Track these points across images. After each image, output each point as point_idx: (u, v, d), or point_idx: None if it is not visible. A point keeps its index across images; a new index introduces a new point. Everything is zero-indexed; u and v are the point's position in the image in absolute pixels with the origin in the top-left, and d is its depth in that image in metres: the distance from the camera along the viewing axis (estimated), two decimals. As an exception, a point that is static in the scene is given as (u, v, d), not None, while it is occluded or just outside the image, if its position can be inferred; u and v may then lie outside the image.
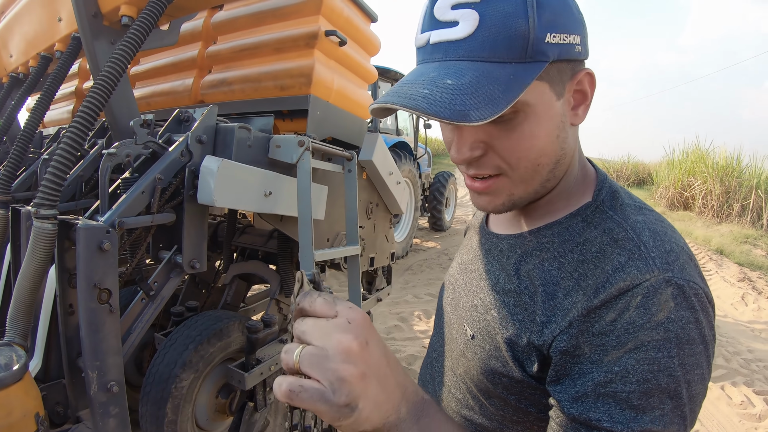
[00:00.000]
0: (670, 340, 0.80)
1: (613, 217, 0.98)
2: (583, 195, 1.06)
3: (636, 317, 0.82)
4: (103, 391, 2.11)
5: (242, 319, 3.04)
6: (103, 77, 2.27)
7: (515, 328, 0.99)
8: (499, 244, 1.17)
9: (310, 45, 3.22)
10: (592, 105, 1.00)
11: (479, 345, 1.08)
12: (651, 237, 0.91)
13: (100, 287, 2.06)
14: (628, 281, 0.85)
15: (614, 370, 0.82)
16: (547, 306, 0.94)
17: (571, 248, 0.98)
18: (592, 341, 0.85)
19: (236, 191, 2.47)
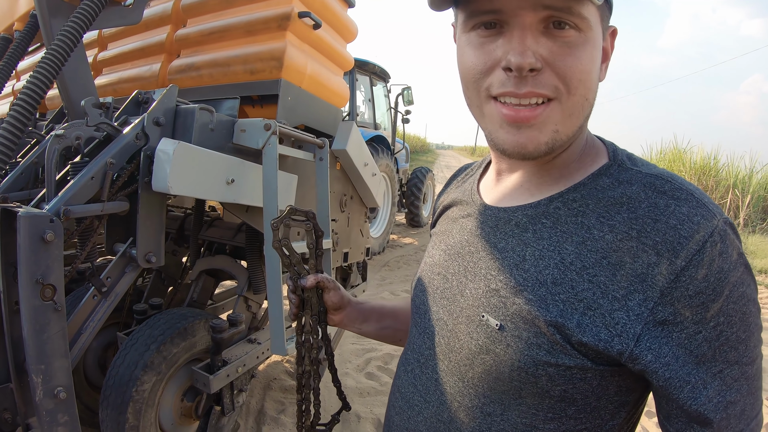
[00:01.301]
0: (747, 272, 0.83)
1: (644, 172, 0.92)
2: (597, 157, 1.00)
3: (722, 264, 0.80)
4: (49, 398, 1.97)
5: (208, 318, 2.90)
6: (52, 50, 2.11)
7: (562, 306, 0.88)
8: (511, 218, 1.02)
9: (283, 27, 3.10)
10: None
11: (512, 335, 0.93)
12: (692, 186, 0.88)
13: (43, 282, 1.89)
14: (702, 231, 0.81)
15: (720, 321, 0.81)
16: (620, 277, 0.84)
17: (615, 208, 0.89)
18: (692, 302, 0.80)
19: (194, 178, 2.33)
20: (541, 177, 1.02)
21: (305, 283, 1.35)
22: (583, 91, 0.88)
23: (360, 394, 4.40)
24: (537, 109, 0.87)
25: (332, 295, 1.41)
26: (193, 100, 3.19)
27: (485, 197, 1.15)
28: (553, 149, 0.92)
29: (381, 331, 1.50)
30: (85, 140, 2.30)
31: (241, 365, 2.86)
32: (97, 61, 4.36)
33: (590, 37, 0.86)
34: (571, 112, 0.89)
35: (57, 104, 4.68)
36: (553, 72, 0.85)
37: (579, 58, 0.85)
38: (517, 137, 0.90)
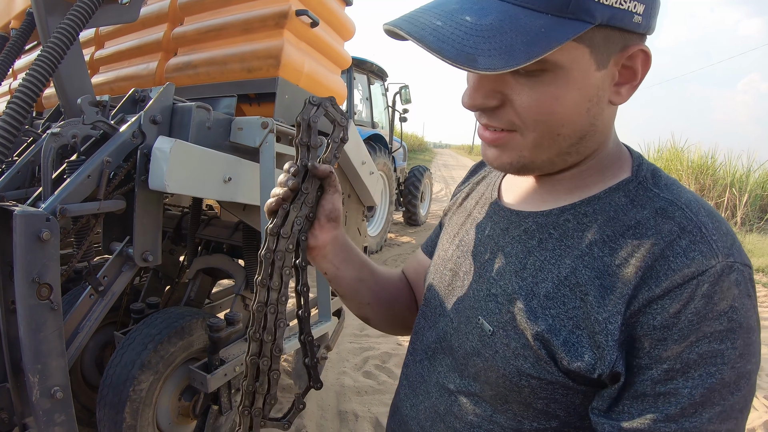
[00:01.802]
0: (733, 330, 0.75)
1: (661, 195, 0.88)
2: (620, 170, 0.96)
3: (701, 307, 0.75)
4: (46, 397, 1.95)
5: (205, 317, 2.88)
6: (48, 48, 2.10)
7: (551, 321, 0.87)
8: (521, 223, 1.02)
9: (280, 25, 3.07)
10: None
11: (502, 342, 0.93)
12: (708, 217, 0.83)
13: (39, 282, 1.88)
14: (693, 267, 0.77)
15: (675, 368, 0.76)
16: (608, 300, 0.82)
17: (621, 231, 0.86)
18: (653, 335, 0.78)
19: (192, 176, 2.32)
20: (553, 185, 1.01)
21: (317, 169, 1.13)
22: (546, 128, 0.86)
23: (358, 393, 4.40)
24: (496, 134, 0.90)
25: (335, 198, 1.20)
26: (191, 98, 3.18)
27: (504, 194, 1.15)
28: (524, 168, 0.94)
29: (357, 282, 1.32)
30: (82, 138, 2.29)
31: (239, 364, 2.84)
32: (93, 59, 4.34)
33: (564, 76, 0.81)
34: (536, 144, 0.88)
35: (53, 103, 4.64)
36: (511, 108, 0.85)
37: (540, 99, 0.83)
38: (486, 152, 0.96)
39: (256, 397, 1.13)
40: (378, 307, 1.37)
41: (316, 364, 1.20)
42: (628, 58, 0.85)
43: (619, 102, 0.89)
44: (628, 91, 0.89)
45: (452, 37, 0.74)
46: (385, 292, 1.38)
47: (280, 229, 1.12)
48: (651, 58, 0.86)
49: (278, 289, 1.14)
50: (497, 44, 0.73)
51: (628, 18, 0.79)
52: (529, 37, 0.73)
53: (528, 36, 0.73)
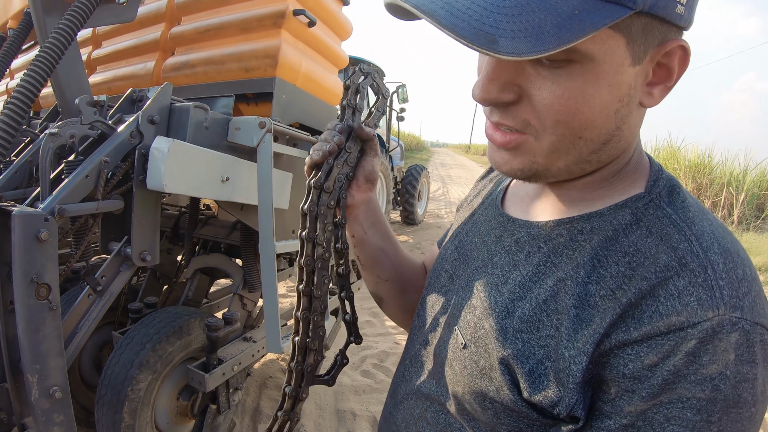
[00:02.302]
0: (715, 402, 0.64)
1: (672, 217, 0.77)
2: (633, 184, 0.85)
3: (682, 366, 0.65)
4: (45, 397, 1.95)
5: (203, 316, 2.89)
6: (47, 47, 2.10)
7: (521, 346, 0.79)
8: (514, 232, 0.94)
9: (278, 24, 3.07)
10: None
11: (471, 358, 0.87)
12: (721, 256, 0.70)
13: (38, 282, 1.88)
14: (683, 316, 0.66)
15: (636, 425, 0.68)
16: (580, 335, 0.73)
17: (616, 257, 0.76)
18: (621, 383, 0.69)
19: (189, 176, 2.32)
20: (559, 194, 0.91)
21: (363, 130, 1.15)
22: (567, 130, 0.74)
23: (356, 392, 4.40)
24: (507, 136, 0.79)
25: (375, 161, 1.20)
26: (188, 98, 3.18)
27: (508, 199, 1.08)
28: (535, 175, 0.82)
29: (380, 252, 1.28)
30: (80, 138, 2.29)
31: (237, 363, 2.85)
32: (91, 59, 4.33)
33: (593, 69, 0.69)
34: (552, 149, 0.77)
35: (51, 103, 4.63)
36: (529, 104, 0.74)
37: (564, 96, 0.71)
38: (493, 155, 0.85)
39: (307, 353, 1.13)
40: (394, 286, 1.32)
41: (356, 320, 1.22)
42: (665, 54, 0.73)
43: (650, 105, 0.78)
44: (661, 93, 0.77)
45: (468, 12, 0.62)
46: (402, 273, 1.33)
47: (323, 184, 1.10)
48: (690, 56, 0.74)
49: (323, 244, 1.12)
50: (523, 24, 0.60)
51: (671, 6, 0.67)
52: (560, 19, 0.61)
53: (559, 17, 0.61)
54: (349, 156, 1.14)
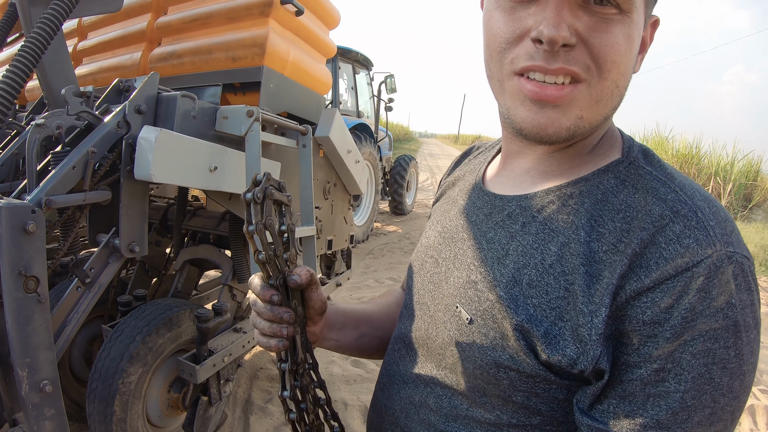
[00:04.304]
0: (728, 329, 0.69)
1: (653, 173, 0.83)
2: (610, 150, 0.91)
3: (696, 303, 0.68)
4: (35, 392, 1.94)
5: (193, 308, 2.88)
6: (31, 39, 2.08)
7: (533, 311, 0.81)
8: (504, 207, 0.96)
9: (265, 13, 3.07)
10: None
11: (479, 331, 0.87)
12: (705, 201, 0.77)
13: (26, 274, 1.86)
14: (687, 257, 0.70)
15: (667, 368, 0.70)
16: (594, 290, 0.76)
17: (610, 215, 0.80)
18: (642, 330, 0.72)
19: (177, 165, 2.31)
20: (548, 165, 0.95)
21: (300, 281, 0.99)
22: (615, 75, 0.79)
23: (347, 381, 4.40)
24: (564, 89, 0.79)
25: (319, 293, 1.08)
26: (175, 88, 3.16)
27: (489, 181, 1.09)
28: (573, 136, 0.84)
29: (360, 340, 1.28)
30: (66, 129, 2.26)
31: (227, 355, 2.84)
32: (77, 50, 4.29)
33: (632, 20, 0.78)
34: (599, 98, 0.81)
35: (36, 95, 4.61)
36: (587, 49, 0.78)
37: (616, 38, 0.77)
38: (538, 116, 0.82)
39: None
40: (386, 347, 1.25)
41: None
42: (651, 24, 0.85)
43: (636, 71, 0.86)
44: (641, 62, 0.87)
45: None
46: (389, 331, 1.32)
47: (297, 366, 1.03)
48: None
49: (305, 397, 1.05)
50: None
51: None
52: None
53: None
54: (298, 319, 1.03)
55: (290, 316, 0.98)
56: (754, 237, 11.79)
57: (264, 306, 0.98)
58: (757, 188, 15.70)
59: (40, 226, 1.89)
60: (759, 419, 4.34)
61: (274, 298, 0.96)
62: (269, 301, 0.96)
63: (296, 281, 0.98)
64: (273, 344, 0.98)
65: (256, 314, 1.00)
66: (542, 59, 0.79)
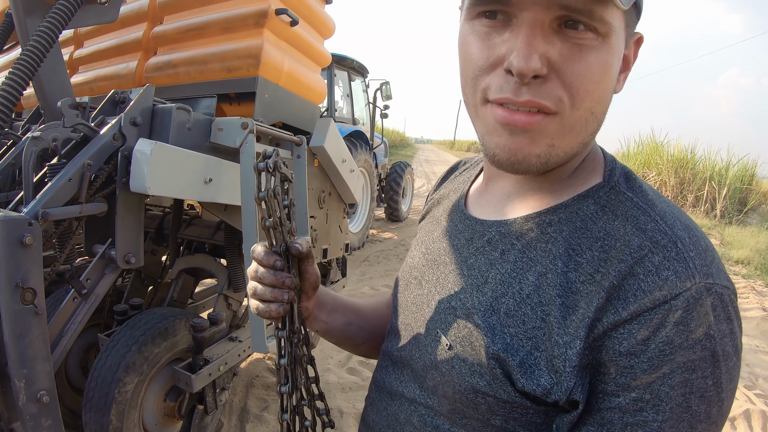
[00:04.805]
0: (706, 359, 0.70)
1: (634, 200, 0.82)
2: (591, 174, 0.90)
3: (674, 336, 0.69)
4: (32, 402, 1.94)
5: (189, 317, 2.88)
6: (28, 50, 2.09)
7: (509, 340, 0.81)
8: (485, 233, 0.96)
9: (260, 24, 3.07)
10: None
11: (459, 358, 0.88)
12: (685, 231, 0.77)
13: (23, 286, 1.87)
14: (665, 290, 0.70)
15: (645, 398, 0.70)
16: (570, 321, 0.76)
17: (588, 243, 0.80)
18: (619, 361, 0.72)
19: (172, 177, 2.32)
20: (529, 189, 0.94)
21: (302, 249, 1.01)
22: (590, 104, 0.77)
23: (342, 389, 4.41)
24: (535, 116, 0.77)
25: (314, 267, 1.11)
26: (170, 98, 3.18)
27: (471, 203, 1.09)
28: (546, 164, 0.82)
29: (347, 327, 1.29)
30: (62, 141, 2.27)
31: (223, 363, 2.85)
32: (73, 59, 4.30)
33: (609, 44, 0.75)
34: (572, 127, 0.78)
35: (33, 103, 4.57)
36: (559, 80, 0.75)
37: (591, 66, 0.74)
38: (509, 142, 0.80)
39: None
40: (373, 342, 1.32)
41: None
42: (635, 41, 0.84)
43: (618, 91, 0.84)
44: (623, 81, 0.85)
45: None
46: (375, 327, 1.33)
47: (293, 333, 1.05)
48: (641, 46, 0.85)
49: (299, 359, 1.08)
50: None
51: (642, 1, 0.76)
52: None
53: None
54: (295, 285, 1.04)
55: (292, 281, 1.00)
56: (750, 241, 11.86)
57: (266, 271, 0.99)
58: (752, 192, 15.75)
59: (37, 239, 1.90)
60: (754, 423, 4.37)
61: (278, 263, 0.99)
62: (272, 266, 0.99)
63: (298, 249, 1.00)
64: (274, 308, 1.00)
65: (258, 281, 1.01)
66: (511, 91, 0.77)
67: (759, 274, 10.00)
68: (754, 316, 7.38)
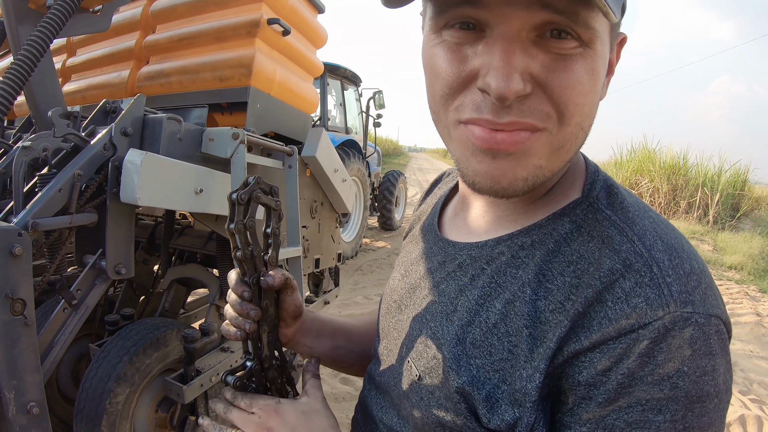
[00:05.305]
0: (677, 400, 0.62)
1: (612, 218, 0.75)
2: (570, 189, 0.83)
3: (636, 368, 0.63)
4: (22, 414, 1.92)
5: (180, 327, 2.86)
6: (20, 59, 2.09)
7: (475, 372, 0.76)
8: (456, 256, 0.90)
9: (252, 33, 3.09)
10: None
11: (427, 389, 0.83)
12: (666, 253, 0.69)
13: (12, 297, 1.85)
14: (633, 318, 0.64)
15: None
16: (536, 354, 0.71)
17: (560, 268, 0.74)
18: (577, 391, 0.67)
19: (163, 188, 2.31)
20: (503, 210, 0.88)
21: (272, 282, 0.98)
22: (580, 118, 0.69)
23: (335, 399, 4.39)
24: (519, 135, 0.68)
25: (294, 297, 1.08)
26: (162, 107, 3.18)
27: (446, 223, 1.06)
28: (533, 187, 0.73)
29: (334, 351, 1.25)
30: (53, 151, 2.26)
31: (215, 374, 2.82)
32: (65, 67, 4.31)
33: (595, 52, 0.67)
34: (561, 145, 0.71)
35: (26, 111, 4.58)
36: (545, 94, 0.67)
37: (578, 77, 0.66)
38: (491, 168, 0.71)
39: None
40: (363, 364, 1.25)
41: None
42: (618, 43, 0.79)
43: (602, 97, 0.78)
44: (607, 86, 0.79)
45: None
46: (364, 348, 1.30)
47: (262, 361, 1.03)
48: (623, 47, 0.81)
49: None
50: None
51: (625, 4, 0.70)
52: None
53: None
54: (269, 316, 1.03)
55: (256, 313, 0.98)
56: (742, 246, 11.90)
57: (235, 299, 0.99)
58: (744, 198, 15.82)
59: (27, 249, 1.88)
60: (749, 429, 4.37)
61: (245, 294, 0.97)
62: (240, 296, 0.98)
63: (268, 282, 0.98)
64: (232, 333, 1.00)
65: (228, 305, 1.01)
66: (490, 112, 0.68)
67: (752, 279, 10.08)
68: (748, 321, 7.43)
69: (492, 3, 0.64)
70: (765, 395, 5.07)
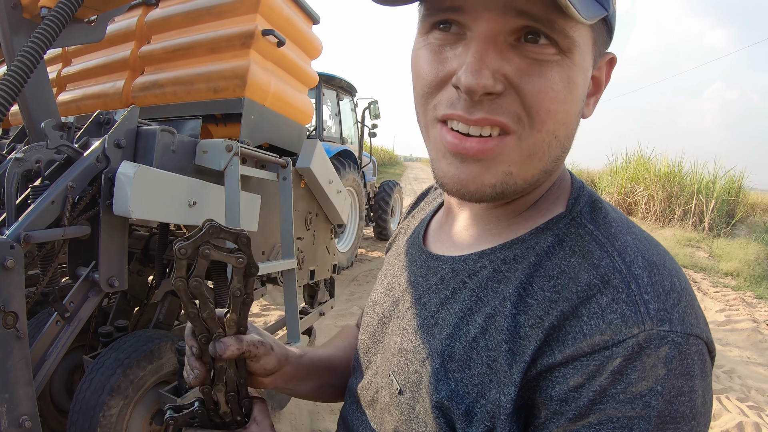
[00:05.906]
0: (649, 419, 0.61)
1: (594, 233, 0.75)
2: (555, 202, 0.84)
3: (608, 385, 0.62)
4: (14, 427, 1.91)
5: (174, 339, 2.84)
6: (13, 69, 2.08)
7: (454, 386, 0.75)
8: (438, 270, 0.90)
9: (246, 45, 3.10)
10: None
11: (407, 404, 0.82)
12: (645, 269, 0.69)
13: (5, 310, 1.85)
14: (607, 335, 0.63)
15: None
16: (514, 369, 0.70)
17: (541, 282, 0.73)
18: (549, 406, 0.66)
19: (156, 201, 2.31)
20: (487, 222, 0.88)
21: (221, 352, 0.86)
22: (552, 126, 0.70)
23: (331, 411, 4.37)
24: (488, 142, 0.70)
25: (266, 362, 0.97)
26: (157, 117, 3.18)
27: (430, 236, 1.04)
28: (502, 194, 0.74)
29: (319, 389, 1.19)
30: (46, 163, 2.26)
31: (209, 387, 2.80)
32: (60, 76, 4.31)
33: (573, 61, 0.69)
34: (532, 152, 0.72)
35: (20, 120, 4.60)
36: (518, 96, 0.68)
37: (552, 83, 0.68)
38: (459, 172, 0.74)
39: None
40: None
41: None
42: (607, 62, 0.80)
43: (587, 115, 0.79)
44: (593, 105, 0.80)
45: None
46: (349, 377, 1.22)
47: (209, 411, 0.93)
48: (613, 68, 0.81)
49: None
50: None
51: (613, 21, 0.73)
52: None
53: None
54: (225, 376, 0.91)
55: (197, 375, 0.89)
56: (738, 252, 11.95)
57: (188, 349, 0.92)
58: (739, 204, 15.84)
59: (19, 262, 1.88)
60: (747, 436, 4.37)
61: (193, 350, 0.89)
62: (190, 349, 0.91)
63: (216, 351, 0.87)
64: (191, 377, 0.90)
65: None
66: (462, 108, 0.70)
67: (748, 285, 10.13)
68: (745, 327, 7.46)
69: (471, 8, 0.67)
70: (763, 402, 5.08)
